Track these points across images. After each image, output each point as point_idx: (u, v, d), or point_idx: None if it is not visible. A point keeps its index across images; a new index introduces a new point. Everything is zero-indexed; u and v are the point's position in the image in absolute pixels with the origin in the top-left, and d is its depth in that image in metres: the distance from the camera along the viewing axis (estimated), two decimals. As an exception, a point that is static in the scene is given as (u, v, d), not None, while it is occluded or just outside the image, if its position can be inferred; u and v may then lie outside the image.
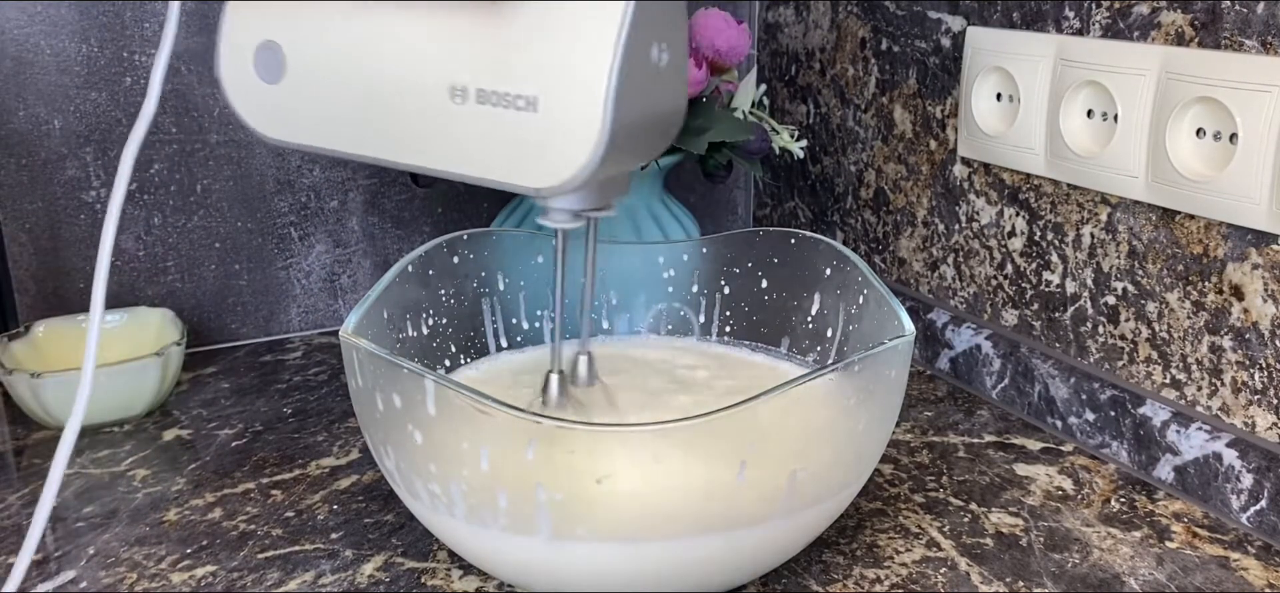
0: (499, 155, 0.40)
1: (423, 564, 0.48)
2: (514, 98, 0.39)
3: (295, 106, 0.42)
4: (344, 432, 0.61)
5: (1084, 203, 0.58)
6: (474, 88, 0.39)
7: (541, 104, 0.38)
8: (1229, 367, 0.52)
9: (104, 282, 0.45)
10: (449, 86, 0.40)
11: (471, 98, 0.39)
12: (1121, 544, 0.50)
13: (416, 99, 0.40)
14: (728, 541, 0.42)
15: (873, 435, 0.45)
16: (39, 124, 0.67)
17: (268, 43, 0.42)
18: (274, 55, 0.42)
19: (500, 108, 0.39)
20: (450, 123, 0.40)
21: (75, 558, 0.49)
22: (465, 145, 0.40)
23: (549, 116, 0.38)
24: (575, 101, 0.38)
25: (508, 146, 0.39)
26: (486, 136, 0.40)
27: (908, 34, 0.69)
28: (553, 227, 0.44)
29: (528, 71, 0.38)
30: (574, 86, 0.38)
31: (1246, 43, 0.49)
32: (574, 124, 0.38)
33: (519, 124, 0.39)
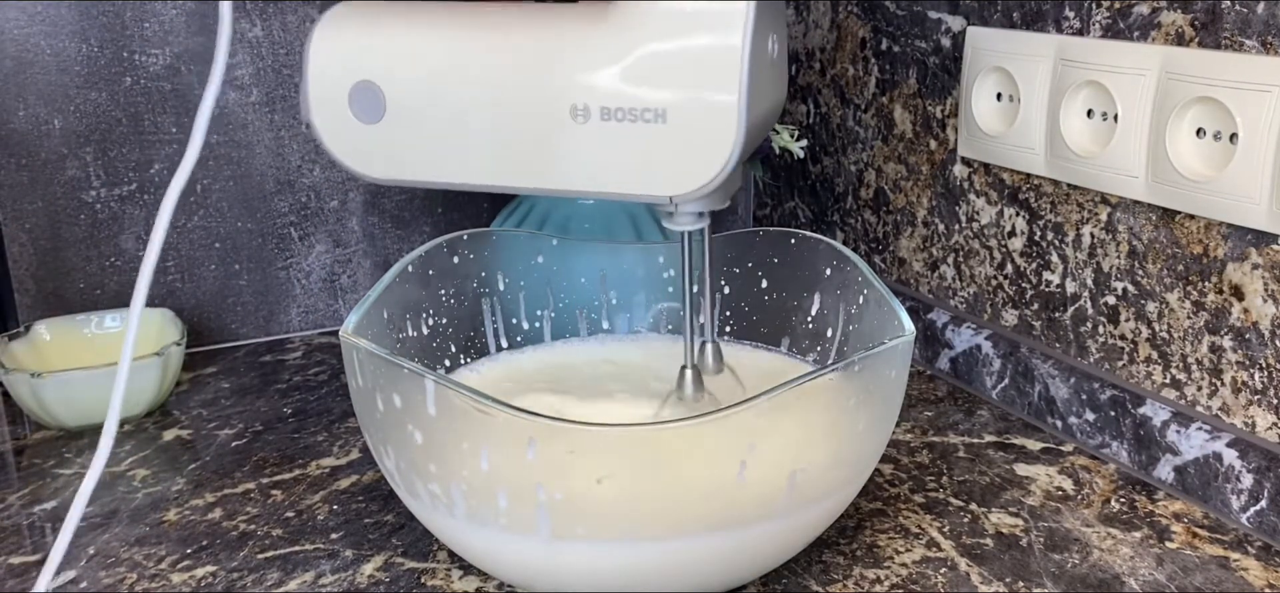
0: (628, 170, 0.39)
1: (423, 565, 0.48)
2: (641, 112, 0.38)
3: (399, 144, 0.41)
4: (344, 432, 0.61)
5: (1084, 203, 0.58)
6: (597, 106, 0.39)
7: (671, 115, 0.38)
8: (1229, 367, 0.52)
9: (148, 281, 0.43)
10: (569, 107, 0.39)
11: (595, 116, 0.39)
12: (1121, 545, 0.50)
13: (533, 124, 0.40)
14: (728, 541, 0.42)
15: (873, 436, 0.45)
16: (39, 124, 0.67)
17: (363, 83, 0.41)
18: (371, 95, 0.41)
19: (626, 123, 0.38)
20: (573, 143, 0.39)
21: (75, 558, 0.49)
22: (590, 163, 0.40)
23: (681, 125, 0.38)
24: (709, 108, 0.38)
25: (637, 159, 0.39)
26: (613, 152, 0.39)
27: (908, 34, 0.69)
28: (680, 229, 0.44)
29: (654, 83, 0.38)
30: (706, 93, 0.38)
31: (1246, 43, 0.49)
32: (708, 130, 0.38)
33: (648, 136, 0.38)
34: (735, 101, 0.38)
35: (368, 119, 0.41)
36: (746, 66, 0.37)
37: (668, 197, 0.40)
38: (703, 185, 0.39)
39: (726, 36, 0.37)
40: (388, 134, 0.41)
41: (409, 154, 0.42)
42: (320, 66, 0.41)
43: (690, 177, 0.39)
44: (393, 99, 0.41)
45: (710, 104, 0.38)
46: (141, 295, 0.42)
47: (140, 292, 0.41)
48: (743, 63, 0.37)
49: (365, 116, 0.41)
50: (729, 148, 0.38)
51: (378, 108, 0.41)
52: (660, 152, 0.39)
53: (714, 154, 0.38)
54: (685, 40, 0.38)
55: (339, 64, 0.41)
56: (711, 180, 0.39)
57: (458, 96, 0.40)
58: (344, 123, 0.41)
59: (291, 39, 0.72)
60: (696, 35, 0.38)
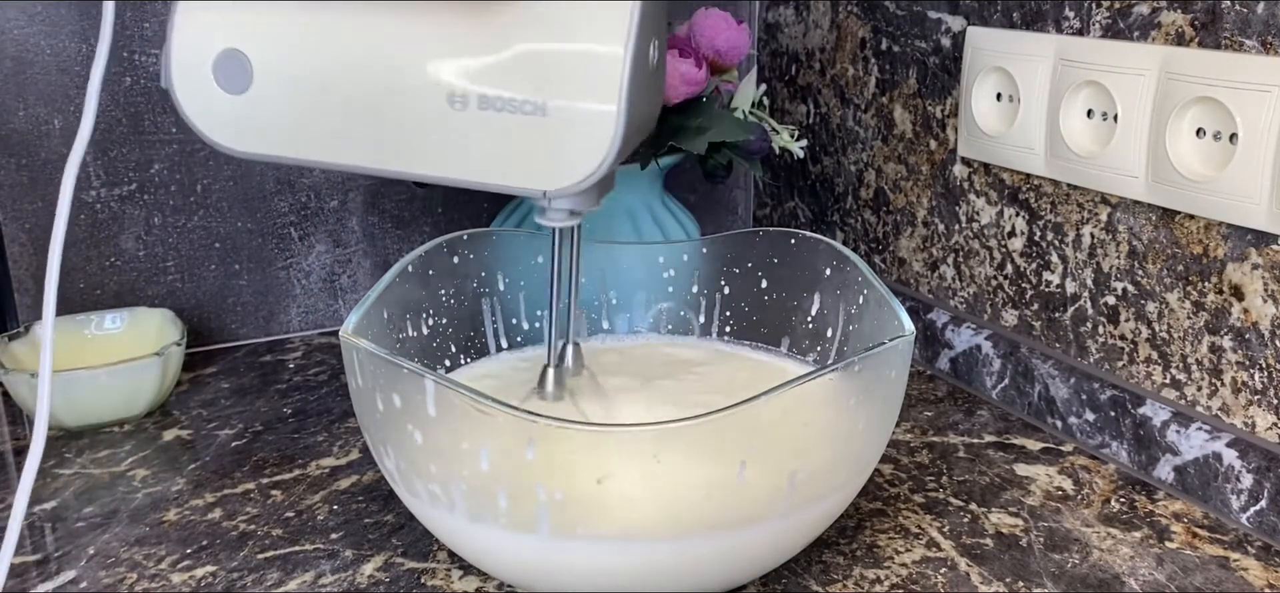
0: (504, 159, 0.39)
1: (423, 565, 0.48)
2: (521, 103, 0.38)
3: (265, 117, 0.40)
4: (344, 432, 0.61)
5: (1084, 203, 0.58)
6: (475, 94, 0.38)
7: (551, 108, 0.38)
8: (1229, 367, 0.52)
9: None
10: (447, 93, 0.39)
11: (473, 104, 0.38)
12: (1121, 545, 0.50)
13: (409, 107, 0.39)
14: (728, 541, 0.42)
15: (873, 436, 0.45)
16: (39, 124, 0.67)
17: (229, 51, 0.39)
18: (238, 64, 0.39)
19: (505, 113, 0.38)
20: (449, 129, 0.39)
21: (75, 558, 0.49)
22: (466, 151, 0.39)
23: (560, 120, 0.38)
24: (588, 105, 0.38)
25: (514, 150, 0.39)
26: (490, 142, 0.39)
27: (908, 34, 0.69)
28: (551, 225, 0.44)
29: (535, 77, 0.38)
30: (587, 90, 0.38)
31: (1246, 43, 0.49)
32: (587, 127, 0.38)
33: (526, 128, 0.38)
34: (615, 101, 0.38)
35: (233, 90, 0.40)
36: (628, 68, 0.37)
37: (542, 191, 0.39)
38: (578, 182, 0.39)
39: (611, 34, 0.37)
40: (254, 106, 0.40)
41: (276, 129, 0.40)
42: (185, 30, 0.40)
43: (566, 172, 0.39)
44: (260, 70, 0.40)
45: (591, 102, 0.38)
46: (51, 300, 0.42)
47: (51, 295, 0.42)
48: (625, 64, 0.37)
49: (230, 87, 0.40)
50: (607, 148, 0.38)
51: (244, 78, 0.40)
52: (538, 145, 0.38)
53: (591, 153, 0.38)
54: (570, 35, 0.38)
55: (206, 30, 0.40)
56: (587, 177, 0.39)
57: (332, 73, 0.39)
58: (207, 92, 0.40)
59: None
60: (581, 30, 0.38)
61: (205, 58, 0.40)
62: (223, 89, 0.40)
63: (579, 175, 0.39)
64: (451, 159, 0.40)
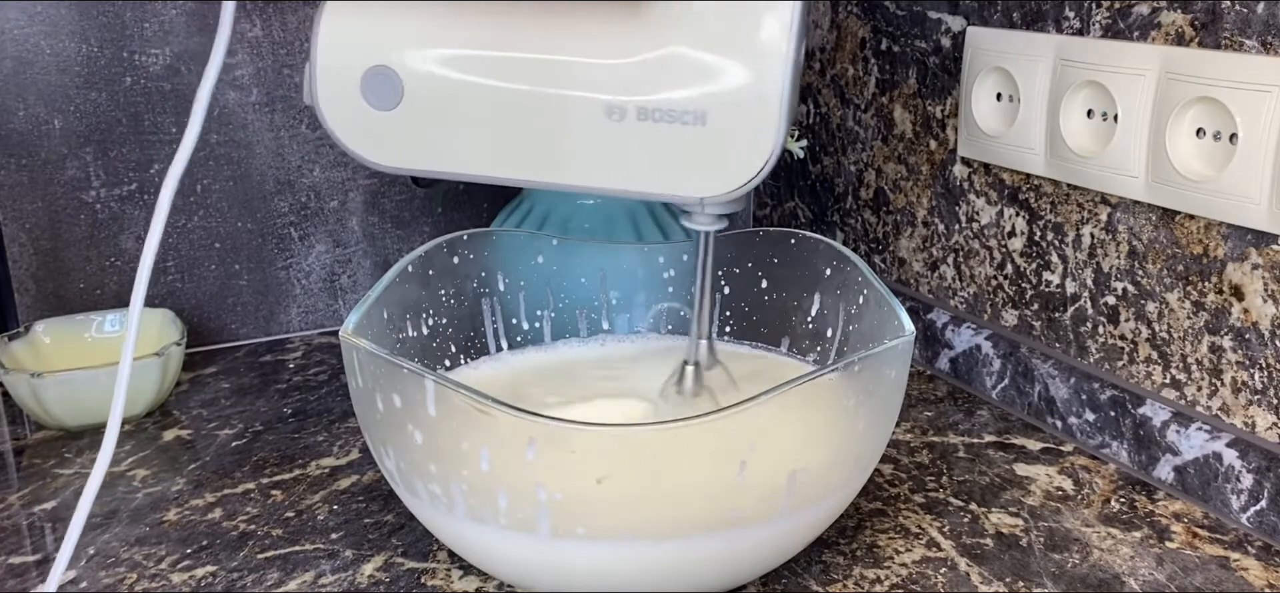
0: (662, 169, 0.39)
1: (423, 565, 0.48)
2: (681, 114, 0.37)
3: (415, 133, 0.40)
4: (344, 432, 0.61)
5: (1084, 203, 0.58)
6: (634, 106, 0.38)
7: (711, 118, 0.37)
8: (1229, 367, 0.52)
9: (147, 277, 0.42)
10: (605, 106, 0.38)
11: (631, 116, 0.38)
12: (1121, 545, 0.50)
13: (566, 119, 0.38)
14: (728, 541, 0.41)
15: (873, 436, 0.45)
16: (39, 124, 0.67)
17: (378, 68, 0.39)
18: (387, 81, 0.39)
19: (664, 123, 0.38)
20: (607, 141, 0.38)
21: (75, 558, 0.49)
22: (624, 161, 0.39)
23: (720, 129, 0.37)
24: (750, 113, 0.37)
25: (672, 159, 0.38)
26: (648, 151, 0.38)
27: (908, 34, 0.69)
28: (699, 228, 0.44)
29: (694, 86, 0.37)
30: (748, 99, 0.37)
31: (1246, 43, 0.49)
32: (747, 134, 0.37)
33: (686, 138, 0.38)
34: (777, 106, 0.37)
35: (381, 106, 0.39)
36: (789, 71, 0.37)
37: (701, 199, 0.39)
38: (736, 188, 0.39)
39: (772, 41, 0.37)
40: (403, 123, 0.40)
41: (426, 144, 0.40)
42: (330, 48, 0.39)
43: (726, 179, 0.38)
44: (411, 86, 0.39)
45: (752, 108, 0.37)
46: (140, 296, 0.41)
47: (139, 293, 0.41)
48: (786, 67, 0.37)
49: (379, 103, 0.39)
50: (768, 151, 0.38)
51: (393, 94, 0.39)
52: (697, 153, 0.38)
53: (752, 157, 0.38)
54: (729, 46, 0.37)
55: (351, 47, 0.39)
56: (747, 182, 0.39)
57: (483, 87, 0.39)
58: (354, 108, 0.40)
59: (291, 39, 0.72)
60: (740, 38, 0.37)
61: (352, 74, 0.39)
62: (371, 105, 0.39)
63: (738, 182, 0.38)
64: (609, 170, 0.39)
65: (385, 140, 0.40)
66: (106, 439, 0.41)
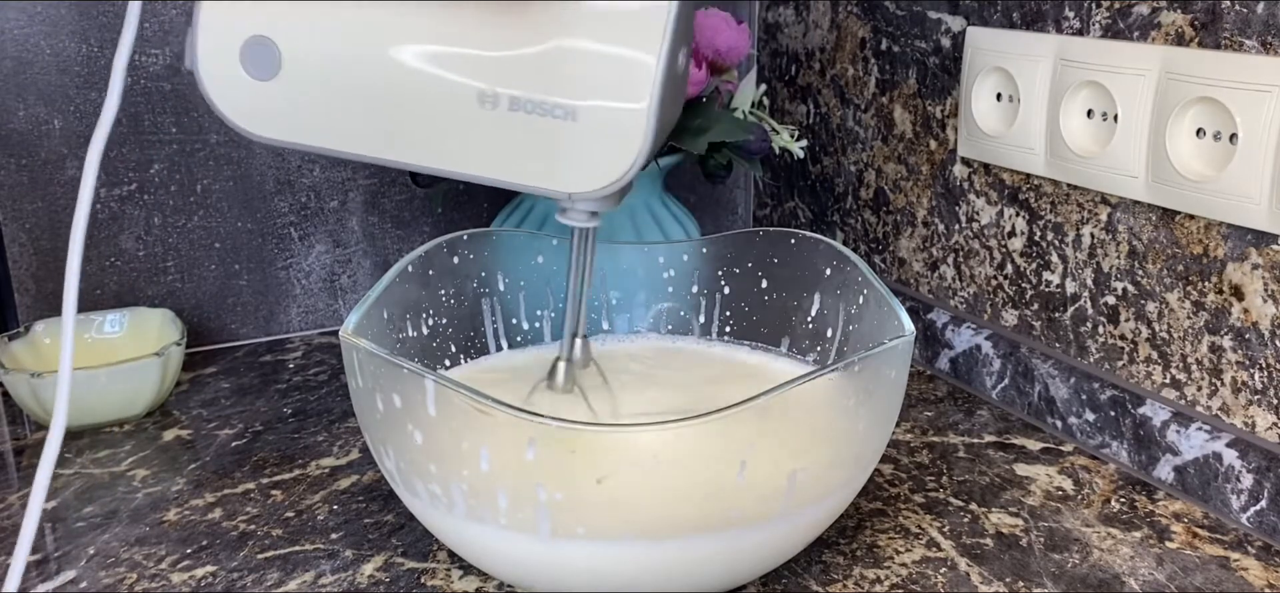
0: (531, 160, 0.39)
1: (423, 565, 0.48)
2: (552, 107, 0.38)
3: (291, 104, 0.40)
4: (344, 432, 0.61)
5: (1084, 203, 0.58)
6: (506, 95, 0.38)
7: (582, 114, 0.38)
8: (1229, 367, 0.52)
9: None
10: (478, 93, 0.38)
11: (503, 105, 0.38)
12: (1121, 545, 0.50)
13: (438, 103, 0.39)
14: (728, 541, 0.41)
15: (873, 435, 0.45)
16: (39, 124, 0.67)
17: (258, 38, 0.39)
18: (266, 50, 0.39)
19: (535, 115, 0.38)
20: (477, 128, 0.39)
21: (75, 558, 0.49)
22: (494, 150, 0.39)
23: (590, 125, 0.38)
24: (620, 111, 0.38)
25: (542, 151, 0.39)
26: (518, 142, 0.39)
27: (908, 34, 0.69)
28: (573, 225, 0.44)
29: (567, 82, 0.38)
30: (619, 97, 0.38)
31: (1246, 43, 0.49)
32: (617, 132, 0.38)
33: (555, 131, 0.38)
34: (645, 109, 0.38)
35: (260, 75, 0.40)
36: (660, 76, 0.38)
37: (568, 193, 0.40)
38: (605, 185, 0.39)
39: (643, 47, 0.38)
40: (280, 93, 0.40)
41: (302, 116, 0.40)
42: (213, 14, 0.39)
43: (594, 176, 0.39)
44: (289, 57, 0.39)
45: (622, 109, 0.38)
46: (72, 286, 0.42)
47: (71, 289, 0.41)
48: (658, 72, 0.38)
49: (257, 73, 0.40)
50: (635, 153, 0.38)
51: (272, 64, 0.39)
52: (566, 148, 0.39)
53: (620, 157, 0.38)
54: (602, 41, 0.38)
55: (233, 15, 0.39)
56: (615, 182, 0.39)
57: (361, 64, 0.39)
58: (234, 77, 0.40)
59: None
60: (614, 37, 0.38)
61: (233, 43, 0.40)
62: (250, 75, 0.40)
63: (606, 179, 0.39)
64: (478, 157, 0.40)
65: (262, 111, 0.40)
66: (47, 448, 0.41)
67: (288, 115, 0.41)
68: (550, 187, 0.40)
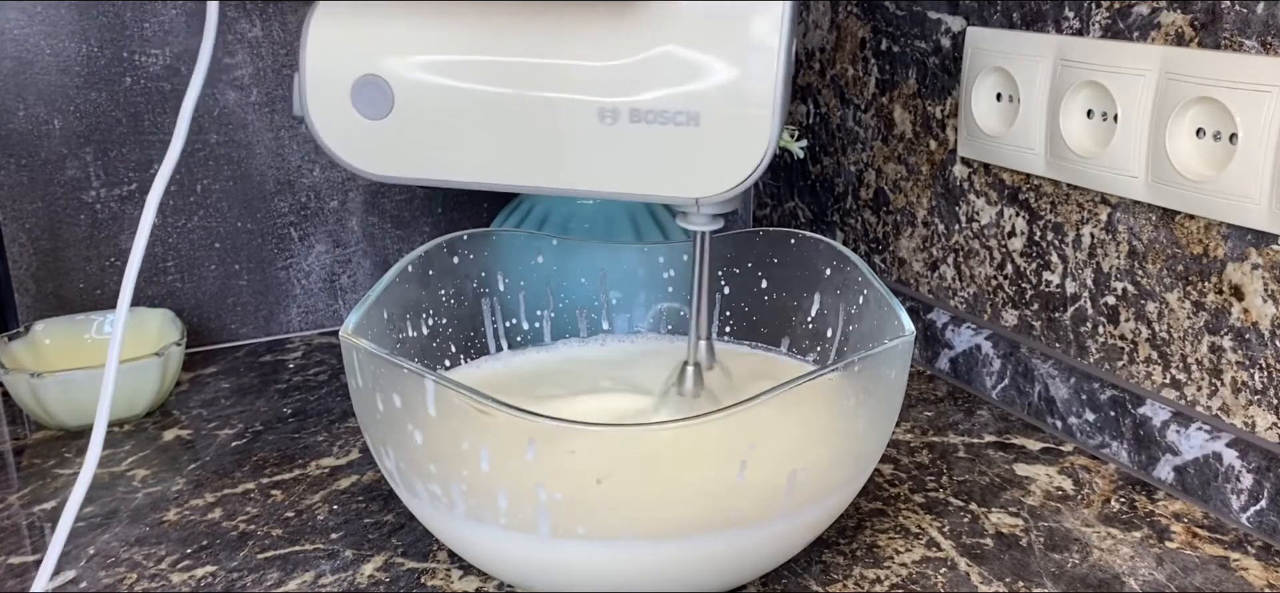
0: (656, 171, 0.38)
1: (423, 565, 0.48)
2: (673, 114, 0.37)
3: (407, 141, 0.39)
4: (344, 432, 0.61)
5: (1084, 203, 0.58)
6: (626, 108, 0.38)
7: (704, 119, 0.37)
8: (1229, 367, 0.52)
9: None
10: (597, 109, 0.38)
11: (624, 118, 0.38)
12: (1121, 545, 0.50)
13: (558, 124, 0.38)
14: (728, 541, 0.41)
15: (873, 436, 0.45)
16: (39, 124, 0.67)
17: (368, 77, 0.38)
18: (377, 90, 0.38)
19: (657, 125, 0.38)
20: (600, 145, 0.38)
21: (75, 558, 0.49)
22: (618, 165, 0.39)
23: (713, 129, 0.37)
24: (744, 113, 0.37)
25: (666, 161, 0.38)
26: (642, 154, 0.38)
27: (907, 34, 0.69)
28: (695, 228, 0.44)
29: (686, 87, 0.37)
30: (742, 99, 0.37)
31: (1246, 43, 0.49)
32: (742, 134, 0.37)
33: (679, 139, 0.38)
34: (770, 105, 0.37)
35: (372, 114, 0.39)
36: (781, 70, 0.37)
37: (696, 199, 0.39)
38: (732, 188, 0.39)
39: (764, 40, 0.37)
40: (394, 131, 0.39)
41: (418, 152, 0.40)
42: (319, 58, 0.39)
43: (721, 179, 0.38)
44: (402, 95, 0.39)
45: (746, 108, 0.37)
46: (127, 296, 0.41)
47: (126, 293, 0.41)
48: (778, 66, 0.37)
49: (369, 112, 0.39)
50: (762, 150, 0.38)
51: (384, 103, 0.39)
52: (691, 154, 0.38)
53: (747, 156, 0.38)
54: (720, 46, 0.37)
55: (340, 57, 0.39)
56: (742, 182, 0.38)
57: (474, 94, 0.38)
58: (344, 118, 0.39)
59: (291, 39, 0.72)
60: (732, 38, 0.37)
61: (342, 84, 0.39)
62: (362, 114, 0.39)
63: (732, 181, 0.38)
64: (603, 173, 0.39)
65: (377, 149, 0.40)
66: (93, 443, 0.40)
67: (405, 152, 0.40)
68: (678, 194, 0.39)
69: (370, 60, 0.39)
